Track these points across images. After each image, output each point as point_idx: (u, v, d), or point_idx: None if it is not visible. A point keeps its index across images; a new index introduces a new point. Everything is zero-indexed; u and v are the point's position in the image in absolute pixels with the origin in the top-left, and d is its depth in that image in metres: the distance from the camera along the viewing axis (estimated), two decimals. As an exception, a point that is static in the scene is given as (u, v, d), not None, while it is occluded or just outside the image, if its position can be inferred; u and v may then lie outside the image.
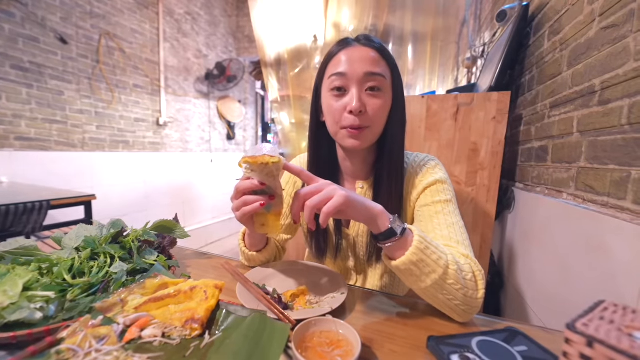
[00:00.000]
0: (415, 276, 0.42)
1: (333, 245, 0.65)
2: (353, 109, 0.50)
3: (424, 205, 0.56)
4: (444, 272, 0.42)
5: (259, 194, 0.46)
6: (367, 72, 0.51)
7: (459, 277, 0.42)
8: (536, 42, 0.93)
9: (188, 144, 3.05)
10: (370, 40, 0.54)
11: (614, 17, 0.57)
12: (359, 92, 0.51)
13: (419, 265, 0.41)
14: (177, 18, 2.84)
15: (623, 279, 0.49)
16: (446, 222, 0.52)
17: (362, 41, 0.54)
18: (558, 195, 0.74)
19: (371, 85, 0.52)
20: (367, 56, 0.52)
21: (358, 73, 0.51)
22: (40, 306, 0.38)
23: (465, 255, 0.47)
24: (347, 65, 0.52)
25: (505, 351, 0.37)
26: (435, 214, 0.53)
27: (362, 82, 0.52)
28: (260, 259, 0.61)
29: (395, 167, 0.57)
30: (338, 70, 0.52)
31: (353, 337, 0.35)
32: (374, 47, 0.53)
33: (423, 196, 0.56)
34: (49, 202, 1.23)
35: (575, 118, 0.68)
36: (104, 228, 0.57)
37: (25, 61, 1.73)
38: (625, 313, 0.29)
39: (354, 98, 0.51)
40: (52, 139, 1.90)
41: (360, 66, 0.51)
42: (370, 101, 0.52)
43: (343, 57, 0.53)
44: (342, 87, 0.53)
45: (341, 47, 0.54)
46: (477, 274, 0.45)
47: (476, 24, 1.75)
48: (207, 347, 0.35)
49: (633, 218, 0.49)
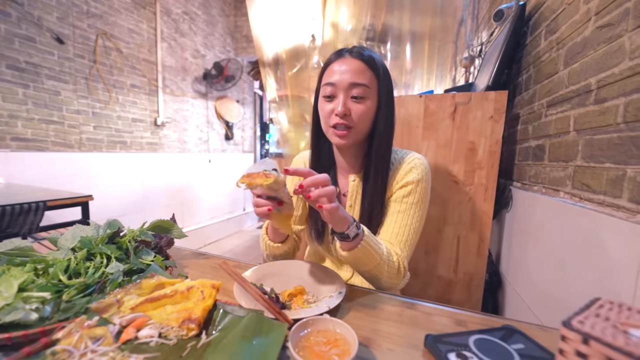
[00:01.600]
0: (355, 265, 0.57)
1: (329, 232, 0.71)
2: (338, 112, 0.60)
3: (394, 201, 0.66)
4: (377, 264, 0.55)
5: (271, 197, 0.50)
6: (352, 82, 0.60)
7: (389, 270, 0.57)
8: (533, 42, 0.93)
9: (186, 144, 3.04)
10: (360, 53, 0.62)
11: (609, 16, 0.57)
12: (345, 98, 0.61)
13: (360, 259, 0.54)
14: (174, 18, 2.83)
15: (619, 276, 0.49)
16: (401, 223, 0.63)
17: (354, 53, 0.62)
18: (555, 194, 0.74)
19: (355, 93, 0.61)
20: (354, 68, 0.61)
21: (344, 83, 0.61)
22: (36, 307, 0.38)
23: (397, 254, 0.61)
24: (336, 76, 0.61)
25: (502, 349, 0.37)
26: (398, 212, 0.64)
27: (347, 90, 0.61)
28: (282, 249, 0.69)
29: (381, 162, 0.65)
30: (329, 81, 0.62)
31: (350, 336, 0.35)
32: (362, 59, 0.61)
33: (397, 192, 0.66)
34: (45, 202, 1.22)
35: (571, 117, 0.69)
36: (100, 228, 0.56)
37: (21, 61, 1.72)
38: (621, 310, 0.29)
39: (340, 103, 0.61)
40: (49, 139, 1.89)
41: (347, 77, 0.60)
42: (354, 106, 0.61)
43: (335, 68, 0.62)
44: (331, 95, 0.62)
45: (336, 57, 0.64)
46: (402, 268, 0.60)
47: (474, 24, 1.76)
48: (204, 347, 0.34)
49: (629, 216, 0.49)
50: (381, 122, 0.63)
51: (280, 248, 0.69)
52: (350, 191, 0.70)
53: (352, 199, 0.70)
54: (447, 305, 0.50)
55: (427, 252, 1.08)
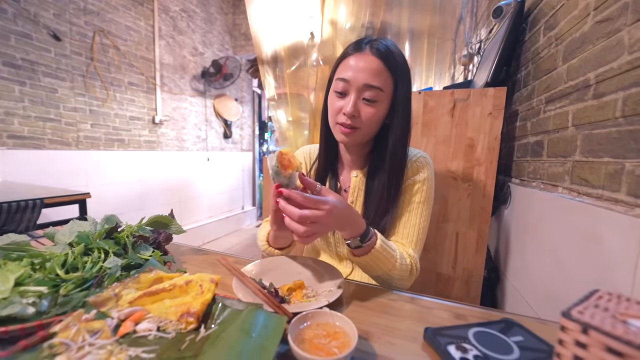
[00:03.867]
0: (369, 270, 0.56)
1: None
2: (347, 112, 0.58)
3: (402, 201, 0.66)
4: (389, 269, 0.55)
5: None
6: (366, 83, 0.57)
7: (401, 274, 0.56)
8: (532, 38, 0.93)
9: (184, 142, 3.03)
10: (379, 50, 0.58)
11: (608, 11, 0.57)
12: (356, 99, 0.58)
13: (373, 263, 0.54)
14: (172, 15, 2.82)
15: (617, 269, 0.49)
16: (411, 222, 0.63)
17: (374, 49, 0.58)
18: (553, 189, 0.74)
19: (367, 96, 0.58)
20: (370, 67, 0.57)
21: (358, 82, 0.57)
22: (33, 301, 0.37)
23: (410, 255, 0.60)
24: (351, 73, 0.58)
25: (501, 341, 0.37)
26: (408, 212, 0.64)
27: (360, 91, 0.58)
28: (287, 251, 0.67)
29: (396, 162, 0.63)
30: (342, 76, 0.59)
31: (350, 328, 0.35)
32: (381, 58, 0.57)
33: (405, 191, 0.66)
34: (42, 200, 1.22)
35: (570, 112, 0.69)
36: (98, 224, 0.56)
37: (17, 58, 1.71)
38: (620, 301, 0.29)
39: (350, 103, 0.58)
40: (46, 137, 1.88)
41: (362, 76, 0.57)
42: (365, 109, 0.59)
43: (351, 62, 0.58)
44: (343, 91, 0.60)
45: (354, 50, 0.60)
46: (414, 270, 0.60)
47: (472, 21, 1.75)
48: (203, 340, 0.34)
49: (627, 209, 0.49)
50: (398, 124, 0.61)
51: (285, 250, 0.67)
52: (352, 187, 0.70)
53: (353, 195, 0.69)
54: (446, 300, 0.50)
55: (426, 249, 1.08)
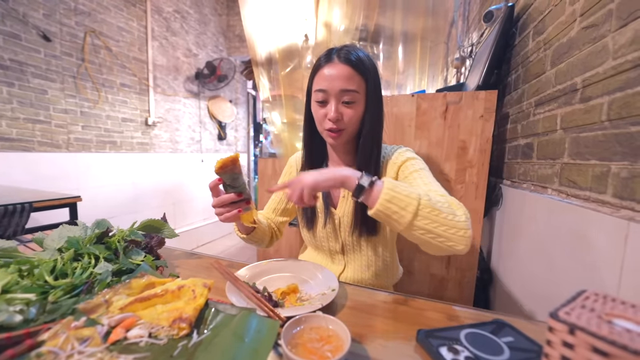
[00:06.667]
0: (396, 214, 0.47)
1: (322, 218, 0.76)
2: (331, 118, 0.63)
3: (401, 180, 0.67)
4: (418, 203, 0.47)
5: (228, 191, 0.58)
6: (342, 89, 0.62)
7: (433, 205, 0.48)
8: (521, 42, 0.95)
9: (178, 144, 3.00)
10: (348, 58, 0.63)
11: (593, 17, 0.58)
12: (336, 104, 0.64)
13: (393, 201, 0.47)
14: (165, 16, 2.79)
15: (604, 269, 0.51)
16: (423, 182, 0.61)
17: (342, 58, 0.63)
18: (543, 190, 0.75)
19: (345, 99, 0.63)
20: (342, 74, 0.62)
21: (335, 89, 0.63)
22: (20, 309, 0.36)
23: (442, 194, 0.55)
24: (327, 82, 0.63)
25: (492, 342, 0.37)
26: (413, 180, 0.63)
27: (338, 96, 0.63)
28: (252, 240, 0.74)
29: (371, 156, 0.67)
30: (320, 87, 0.64)
31: (343, 332, 0.35)
32: (351, 65, 0.62)
33: (400, 173, 0.68)
34: (31, 204, 1.19)
35: (558, 115, 0.70)
36: (89, 228, 0.55)
37: (5, 59, 1.67)
38: (606, 301, 0.30)
39: (332, 109, 0.63)
40: (35, 139, 1.84)
41: (337, 84, 0.62)
42: (346, 111, 0.64)
43: (325, 72, 0.64)
44: (324, 100, 0.65)
45: (325, 61, 0.65)
46: (452, 201, 0.52)
47: (464, 25, 1.78)
48: (195, 346, 0.34)
49: (613, 211, 0.50)
50: (369, 121, 0.66)
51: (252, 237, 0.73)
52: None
53: (345, 190, 0.72)
54: (439, 301, 0.50)
55: (419, 250, 1.08)
